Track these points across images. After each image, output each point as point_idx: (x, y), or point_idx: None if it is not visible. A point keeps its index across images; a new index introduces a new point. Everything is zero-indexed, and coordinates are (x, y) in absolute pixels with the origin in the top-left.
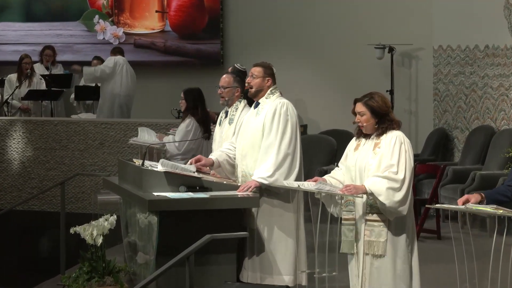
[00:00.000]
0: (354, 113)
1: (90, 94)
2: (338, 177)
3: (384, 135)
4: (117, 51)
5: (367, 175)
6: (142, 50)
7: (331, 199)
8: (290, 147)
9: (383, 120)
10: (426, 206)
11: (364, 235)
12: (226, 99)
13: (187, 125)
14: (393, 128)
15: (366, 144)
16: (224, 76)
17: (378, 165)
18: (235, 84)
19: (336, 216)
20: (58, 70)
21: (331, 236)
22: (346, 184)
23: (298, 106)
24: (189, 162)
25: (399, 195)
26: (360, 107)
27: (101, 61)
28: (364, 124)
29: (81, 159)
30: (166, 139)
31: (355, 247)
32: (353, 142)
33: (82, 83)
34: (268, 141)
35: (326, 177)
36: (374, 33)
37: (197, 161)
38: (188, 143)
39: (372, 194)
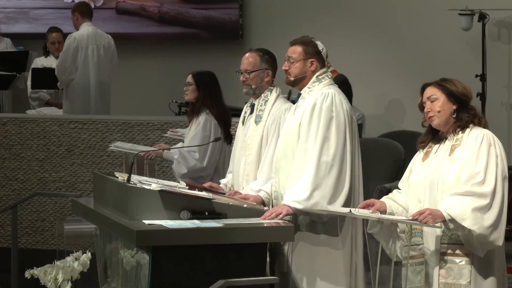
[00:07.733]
0: (422, 108)
1: (53, 81)
2: (400, 201)
3: (465, 132)
4: (80, 11)
5: (442, 190)
6: (128, 18)
7: (390, 232)
8: (336, 157)
9: (464, 109)
10: None
11: (439, 275)
12: (253, 87)
13: (203, 126)
14: (479, 123)
15: (440, 150)
16: (246, 55)
17: (458, 175)
18: (264, 66)
19: (398, 257)
20: (5, 46)
21: (396, 281)
22: (420, 210)
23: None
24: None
25: (489, 217)
26: (431, 90)
27: (62, 33)
28: (438, 110)
29: (41, 172)
30: (171, 154)
31: None
32: (418, 154)
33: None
34: (304, 149)
35: (384, 199)
36: None
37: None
38: (211, 153)
39: (452, 220)
